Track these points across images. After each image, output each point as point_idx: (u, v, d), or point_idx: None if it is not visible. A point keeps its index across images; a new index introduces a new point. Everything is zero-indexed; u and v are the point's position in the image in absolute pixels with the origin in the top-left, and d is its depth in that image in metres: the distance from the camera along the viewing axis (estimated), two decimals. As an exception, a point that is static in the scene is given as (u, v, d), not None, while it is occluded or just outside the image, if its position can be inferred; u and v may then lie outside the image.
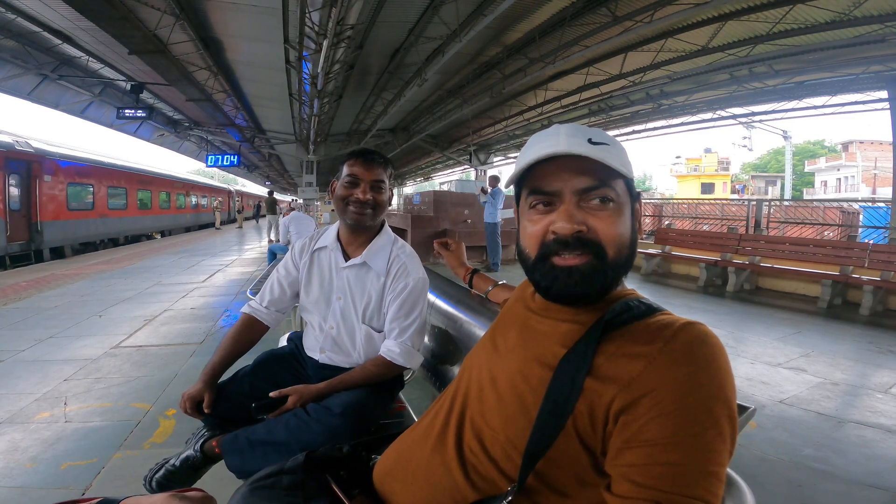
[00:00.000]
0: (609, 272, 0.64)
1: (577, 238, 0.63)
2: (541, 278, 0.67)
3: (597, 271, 0.63)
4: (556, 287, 0.65)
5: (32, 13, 7.95)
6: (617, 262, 0.64)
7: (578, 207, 0.64)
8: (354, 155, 1.37)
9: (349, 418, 1.19)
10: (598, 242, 0.63)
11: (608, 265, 0.63)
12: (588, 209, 0.64)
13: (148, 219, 17.02)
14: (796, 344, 4.11)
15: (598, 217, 0.63)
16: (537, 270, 0.67)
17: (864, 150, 32.98)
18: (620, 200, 0.65)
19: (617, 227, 0.64)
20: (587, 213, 0.64)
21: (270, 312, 1.48)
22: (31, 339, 3.96)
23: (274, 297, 1.49)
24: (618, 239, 0.64)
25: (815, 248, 6.52)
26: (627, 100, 11.50)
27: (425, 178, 33.88)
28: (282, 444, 1.16)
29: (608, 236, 0.63)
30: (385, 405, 1.42)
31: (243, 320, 1.47)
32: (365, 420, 1.26)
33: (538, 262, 0.67)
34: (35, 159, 10.49)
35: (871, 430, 2.54)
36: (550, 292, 0.66)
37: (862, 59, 7.86)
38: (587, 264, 0.63)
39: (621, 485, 0.53)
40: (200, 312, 5.01)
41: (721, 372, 0.54)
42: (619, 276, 0.66)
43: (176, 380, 3.04)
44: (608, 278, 0.64)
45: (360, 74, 9.35)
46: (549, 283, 0.65)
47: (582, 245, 0.63)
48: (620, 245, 0.64)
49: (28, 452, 2.14)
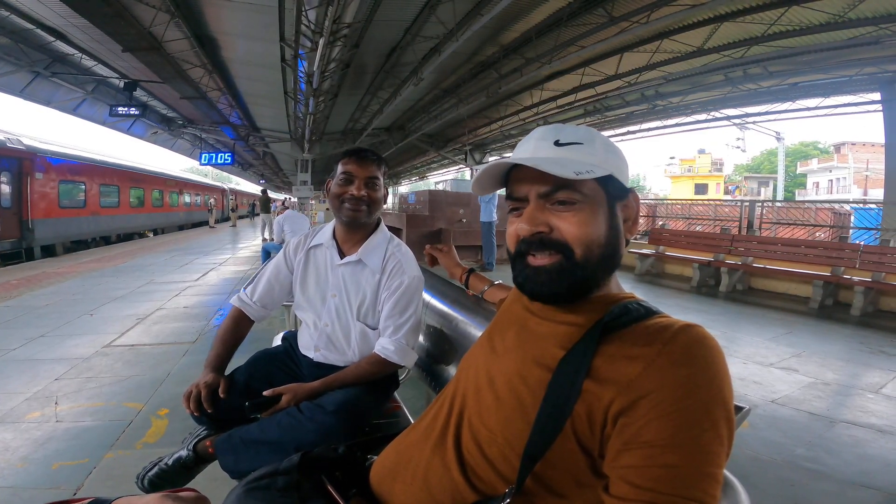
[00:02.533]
0: (578, 271, 0.64)
1: (540, 239, 0.65)
2: (517, 275, 0.70)
3: (563, 270, 0.64)
4: (528, 285, 0.68)
5: (26, 10, 7.85)
6: (588, 261, 0.64)
7: (543, 210, 0.66)
8: (349, 153, 1.40)
9: (342, 416, 1.19)
10: (563, 242, 0.64)
11: (577, 265, 0.64)
12: (553, 210, 0.66)
13: (140, 217, 16.89)
14: (788, 344, 4.15)
15: (562, 217, 0.65)
16: (515, 269, 0.70)
17: (856, 151, 33.33)
18: (589, 200, 0.65)
19: (584, 226, 0.64)
20: (552, 214, 0.66)
21: (257, 308, 1.50)
22: (21, 337, 3.91)
23: (263, 294, 1.50)
24: (584, 238, 0.64)
25: (807, 248, 6.58)
26: (623, 100, 11.52)
27: (420, 178, 33.83)
28: (275, 444, 1.15)
29: (573, 236, 0.64)
30: (379, 404, 1.41)
31: (233, 314, 1.49)
32: (359, 418, 1.26)
33: (515, 260, 0.70)
34: (26, 157, 10.37)
35: (863, 429, 2.57)
36: (525, 290, 0.69)
37: (856, 60, 7.92)
38: (554, 264, 0.65)
39: (619, 486, 0.53)
40: (193, 311, 4.98)
41: (719, 374, 0.54)
42: (597, 276, 0.66)
43: (168, 379, 3.02)
44: (578, 277, 0.64)
45: (355, 73, 9.31)
46: (523, 280, 0.68)
47: (548, 245, 0.65)
48: (589, 244, 0.64)
49: (18, 452, 2.11)
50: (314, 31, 5.99)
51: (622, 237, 0.68)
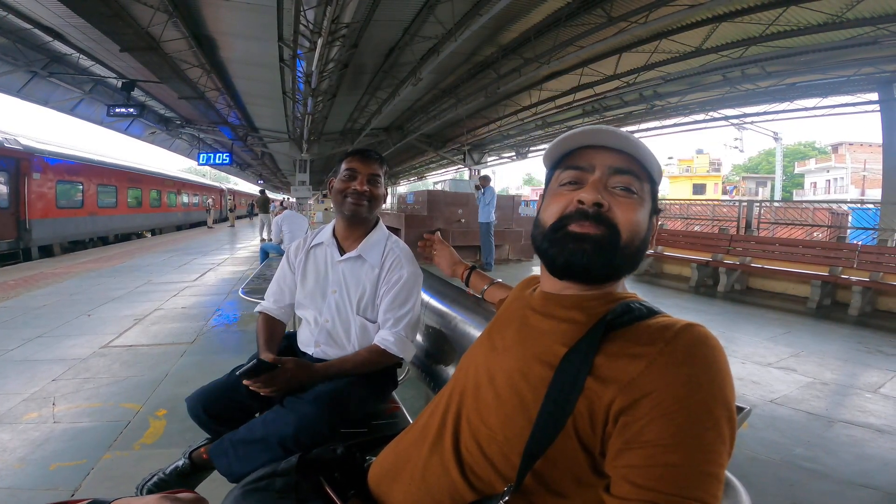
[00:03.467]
0: (618, 254, 0.65)
1: (597, 213, 0.65)
2: (550, 246, 0.68)
3: (607, 246, 0.65)
4: (563, 256, 0.66)
5: (23, 10, 7.83)
6: (629, 247, 0.66)
7: (605, 188, 0.67)
8: (353, 153, 1.46)
9: (321, 406, 1.19)
10: (614, 223, 0.65)
11: (620, 246, 0.65)
12: (613, 193, 0.67)
13: (138, 217, 16.82)
14: (786, 344, 4.15)
15: (620, 202, 0.66)
16: (549, 239, 0.68)
17: (853, 151, 33.34)
18: (643, 197, 0.68)
19: (635, 214, 0.66)
20: (612, 196, 0.66)
21: (278, 309, 1.53)
22: (19, 338, 3.90)
23: (278, 297, 1.54)
24: (634, 226, 0.66)
25: (805, 248, 6.60)
26: (621, 100, 11.54)
27: (419, 178, 33.83)
28: (260, 441, 1.16)
29: (625, 220, 0.65)
30: (371, 400, 1.40)
31: (261, 318, 1.52)
32: (340, 409, 1.24)
33: (553, 230, 0.68)
34: (24, 157, 10.33)
35: (861, 429, 2.57)
36: (557, 262, 0.67)
37: (853, 60, 7.94)
38: (601, 235, 0.65)
39: (621, 486, 0.52)
40: (192, 312, 4.97)
41: (721, 374, 0.54)
42: (626, 266, 0.67)
43: (166, 380, 3.01)
44: (615, 260, 0.65)
45: (354, 73, 9.30)
46: (558, 251, 0.67)
47: (599, 220, 0.65)
48: (635, 234, 0.66)
49: (16, 453, 2.10)
50: (313, 31, 5.98)
51: (649, 244, 0.71)
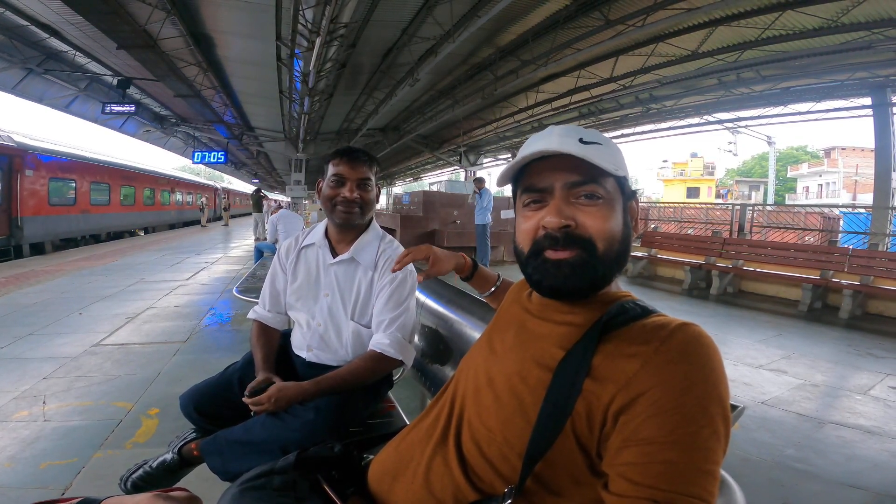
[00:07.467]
0: (599, 266, 0.65)
1: (566, 233, 0.65)
2: (533, 272, 0.68)
3: (586, 265, 0.64)
4: (546, 281, 0.66)
5: (21, 6, 7.76)
6: (607, 256, 0.65)
7: (568, 203, 0.66)
8: (339, 154, 1.38)
9: (327, 416, 1.17)
10: (587, 237, 0.65)
11: (598, 259, 0.65)
12: (577, 205, 0.66)
13: (131, 215, 16.68)
14: (777, 346, 4.19)
15: (586, 212, 0.65)
16: (530, 265, 0.68)
17: (845, 156, 33.64)
18: (610, 197, 0.66)
19: (606, 222, 0.65)
20: (576, 209, 0.65)
21: (273, 315, 1.49)
22: (9, 336, 3.86)
23: (271, 302, 1.50)
24: (607, 233, 0.65)
25: (797, 252, 6.66)
26: (617, 103, 11.58)
27: (415, 179, 33.81)
28: (260, 444, 1.15)
29: (597, 230, 0.65)
30: (369, 404, 1.38)
31: (254, 327, 1.47)
32: (343, 416, 1.22)
33: (531, 256, 0.68)
34: (16, 153, 10.22)
35: (851, 430, 2.60)
36: (542, 286, 0.68)
37: (847, 65, 8.00)
38: (576, 257, 0.64)
39: (619, 484, 0.53)
40: (184, 310, 4.94)
41: (715, 372, 0.55)
42: (612, 272, 0.67)
43: (159, 379, 2.99)
44: (598, 272, 0.65)
45: (351, 73, 9.28)
46: (541, 276, 0.67)
47: (571, 241, 0.64)
48: (610, 240, 0.65)
49: (6, 452, 2.08)
50: (311, 31, 5.95)
51: (632, 236, 0.70)
